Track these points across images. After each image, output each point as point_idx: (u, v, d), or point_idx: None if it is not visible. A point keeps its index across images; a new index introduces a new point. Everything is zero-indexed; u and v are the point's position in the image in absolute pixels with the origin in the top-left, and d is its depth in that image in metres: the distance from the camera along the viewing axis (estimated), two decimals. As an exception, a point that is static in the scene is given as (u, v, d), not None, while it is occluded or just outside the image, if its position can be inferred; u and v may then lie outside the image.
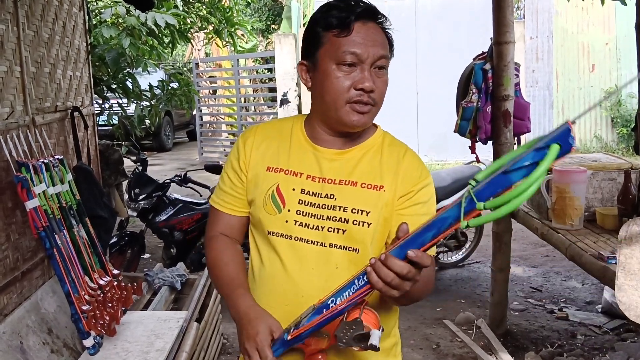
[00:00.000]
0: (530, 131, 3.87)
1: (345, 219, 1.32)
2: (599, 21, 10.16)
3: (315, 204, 1.34)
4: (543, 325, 3.92)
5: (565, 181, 3.08)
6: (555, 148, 0.94)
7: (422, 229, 1.06)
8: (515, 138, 3.71)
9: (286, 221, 1.35)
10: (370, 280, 1.09)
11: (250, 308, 1.30)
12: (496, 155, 3.70)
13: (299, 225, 1.34)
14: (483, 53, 3.76)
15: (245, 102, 11.61)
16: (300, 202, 1.35)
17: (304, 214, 1.34)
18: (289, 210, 1.35)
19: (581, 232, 3.05)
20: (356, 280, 1.13)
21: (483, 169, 1.03)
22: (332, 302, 1.14)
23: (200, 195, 5.01)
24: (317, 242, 1.33)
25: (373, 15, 1.32)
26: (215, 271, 1.43)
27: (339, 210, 1.33)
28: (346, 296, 1.13)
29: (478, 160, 4.24)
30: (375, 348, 1.12)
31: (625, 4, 3.57)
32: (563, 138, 0.93)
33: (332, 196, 1.34)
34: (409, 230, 1.09)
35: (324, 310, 1.15)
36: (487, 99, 3.64)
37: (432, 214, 1.36)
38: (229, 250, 1.44)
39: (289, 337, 1.19)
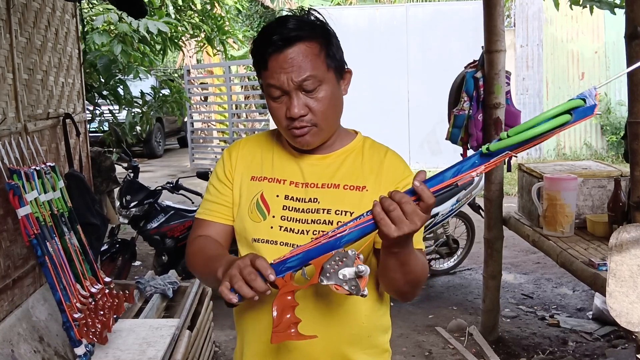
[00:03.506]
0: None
1: (329, 220, 1.34)
2: (589, 30, 10.25)
3: (299, 209, 1.36)
4: (534, 332, 3.94)
5: (556, 188, 3.10)
6: (577, 101, 1.02)
7: (442, 171, 1.10)
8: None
9: (271, 227, 1.36)
10: (374, 211, 1.11)
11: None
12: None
13: (284, 230, 1.35)
14: (474, 61, 3.79)
15: (236, 109, 11.60)
16: (285, 207, 1.37)
17: (289, 219, 1.36)
18: (273, 217, 1.37)
19: (572, 239, 3.08)
20: (363, 216, 1.14)
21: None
22: (332, 231, 1.15)
23: (192, 202, 5.00)
24: None
25: (289, 39, 1.29)
26: (198, 258, 1.39)
27: (323, 212, 1.35)
28: (348, 224, 1.14)
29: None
30: (357, 291, 1.10)
31: (614, 13, 3.61)
32: (586, 96, 1.02)
33: (315, 200, 1.37)
34: (426, 177, 1.12)
35: (322, 237, 1.15)
36: (478, 106, 3.67)
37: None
38: (214, 243, 1.42)
39: (273, 262, 1.16)
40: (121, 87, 5.10)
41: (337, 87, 1.37)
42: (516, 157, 1.09)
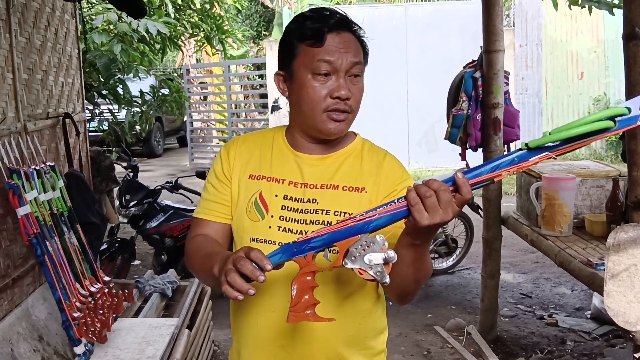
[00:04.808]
0: (519, 138, 3.90)
1: (328, 221, 1.32)
2: (587, 29, 10.26)
3: (297, 209, 1.36)
4: (533, 331, 3.95)
5: (554, 188, 3.11)
6: (621, 109, 1.01)
7: (478, 166, 1.11)
8: (505, 145, 3.74)
9: (269, 227, 1.36)
10: (408, 196, 1.09)
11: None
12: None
13: (282, 230, 1.35)
14: (473, 61, 3.79)
15: (236, 108, 11.60)
16: (283, 207, 1.36)
17: (287, 220, 1.36)
18: (272, 216, 1.36)
19: (570, 239, 3.08)
20: (394, 202, 1.13)
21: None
22: (360, 215, 1.13)
23: (192, 202, 5.01)
24: None
25: (346, 25, 1.36)
26: (196, 257, 1.38)
27: (322, 213, 1.34)
28: (378, 210, 1.12)
29: (468, 167, 4.26)
30: (382, 278, 1.08)
31: (612, 14, 3.62)
32: (631, 106, 1.01)
33: (314, 200, 1.36)
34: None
35: (350, 220, 1.13)
36: (477, 106, 3.67)
37: None
38: (212, 242, 1.41)
39: (297, 240, 1.14)
40: (120, 86, 5.10)
41: None
42: (555, 158, 1.08)
